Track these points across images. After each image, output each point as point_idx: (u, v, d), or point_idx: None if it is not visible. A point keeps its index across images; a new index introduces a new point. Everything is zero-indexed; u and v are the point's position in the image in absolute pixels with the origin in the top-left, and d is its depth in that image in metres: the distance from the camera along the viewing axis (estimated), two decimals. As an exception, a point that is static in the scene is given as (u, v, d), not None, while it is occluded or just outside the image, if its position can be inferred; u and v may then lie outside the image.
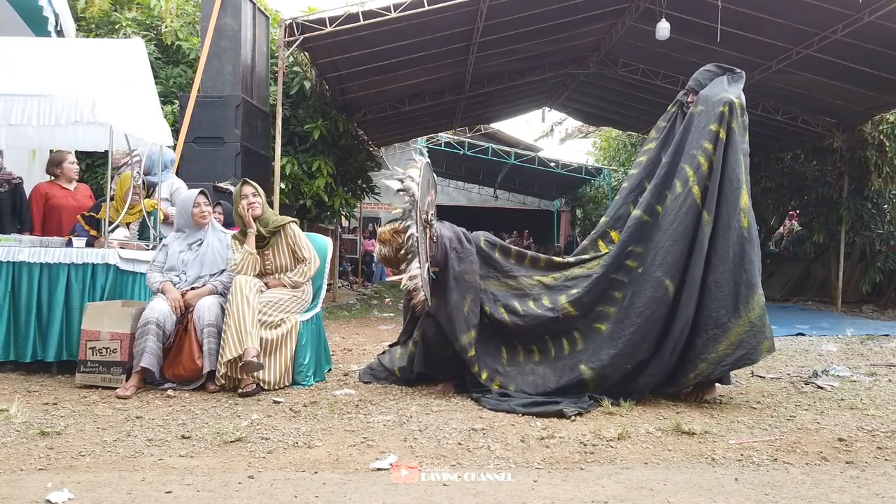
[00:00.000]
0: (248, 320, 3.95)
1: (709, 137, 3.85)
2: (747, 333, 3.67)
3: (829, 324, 8.68)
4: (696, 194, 3.81)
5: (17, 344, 4.35)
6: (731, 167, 3.82)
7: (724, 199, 3.80)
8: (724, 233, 3.76)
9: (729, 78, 4.09)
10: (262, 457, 2.83)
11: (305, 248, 4.37)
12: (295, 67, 9.07)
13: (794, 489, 2.56)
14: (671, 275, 3.77)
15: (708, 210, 3.79)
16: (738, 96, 3.95)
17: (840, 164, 11.04)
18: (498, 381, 3.92)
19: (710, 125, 3.86)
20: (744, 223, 3.74)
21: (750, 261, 3.72)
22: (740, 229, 3.73)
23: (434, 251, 4.02)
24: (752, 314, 3.67)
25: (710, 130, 3.85)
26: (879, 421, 3.58)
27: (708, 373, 3.78)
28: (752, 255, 3.73)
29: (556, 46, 10.09)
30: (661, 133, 4.25)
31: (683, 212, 3.81)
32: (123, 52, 4.94)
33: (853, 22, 7.51)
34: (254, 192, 4.32)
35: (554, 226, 24.65)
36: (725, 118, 3.86)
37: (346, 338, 6.67)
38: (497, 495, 2.46)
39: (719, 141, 3.84)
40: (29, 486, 2.44)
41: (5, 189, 5.17)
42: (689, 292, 3.76)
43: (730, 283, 3.72)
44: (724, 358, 3.71)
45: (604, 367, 3.76)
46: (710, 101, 3.93)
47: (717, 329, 3.71)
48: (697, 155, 3.85)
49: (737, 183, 3.79)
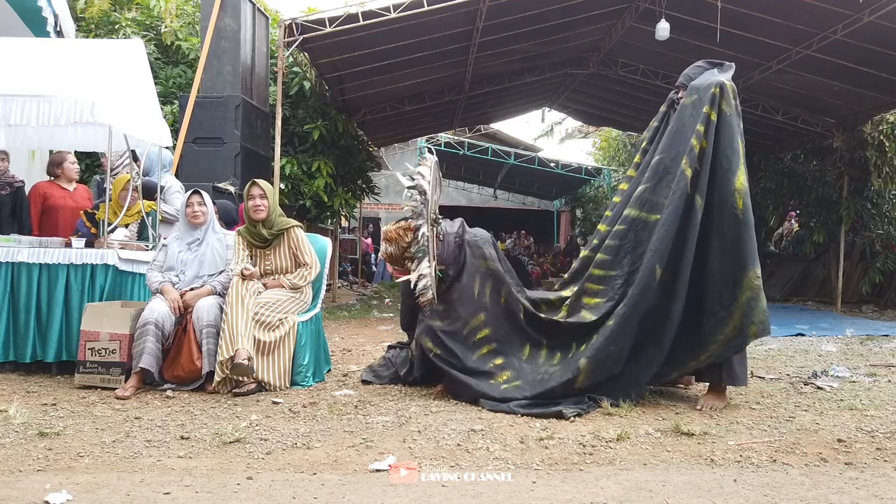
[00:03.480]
0: (241, 322, 3.95)
1: (701, 120, 3.86)
2: (742, 317, 3.69)
3: (828, 324, 8.68)
4: (688, 177, 3.82)
5: (17, 344, 4.35)
6: (723, 149, 3.82)
7: (717, 181, 3.80)
8: (720, 214, 3.77)
9: (719, 69, 4.10)
10: (261, 458, 2.83)
11: (308, 254, 4.39)
12: (295, 68, 9.08)
13: (794, 490, 2.56)
14: (663, 260, 3.77)
15: (700, 193, 3.79)
16: (728, 80, 3.95)
17: (840, 164, 11.03)
18: (507, 374, 3.87)
19: (702, 108, 3.88)
20: (738, 204, 3.73)
21: (744, 242, 3.71)
22: (734, 210, 3.73)
23: (440, 249, 4.02)
24: (742, 297, 3.68)
25: (703, 112, 3.86)
26: (879, 422, 3.57)
27: (718, 354, 3.77)
28: (745, 236, 3.72)
29: (555, 47, 10.09)
30: (653, 133, 4.26)
31: (677, 195, 3.82)
32: (123, 52, 4.95)
33: (853, 22, 7.51)
34: (261, 193, 4.31)
35: (554, 226, 24.65)
36: (717, 99, 3.87)
37: (346, 338, 6.67)
38: (496, 496, 2.45)
39: (710, 122, 3.84)
40: (27, 486, 2.44)
41: (6, 192, 5.17)
42: (684, 277, 3.76)
43: (730, 265, 3.73)
44: (732, 339, 3.72)
45: (594, 355, 3.73)
46: (702, 88, 3.95)
47: (724, 311, 3.73)
48: (691, 138, 3.87)
49: (727, 164, 3.79)
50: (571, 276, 4.37)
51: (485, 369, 3.89)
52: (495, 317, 3.99)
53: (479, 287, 4.00)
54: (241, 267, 4.16)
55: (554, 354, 3.99)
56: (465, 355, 3.90)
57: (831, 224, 11.23)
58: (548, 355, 3.99)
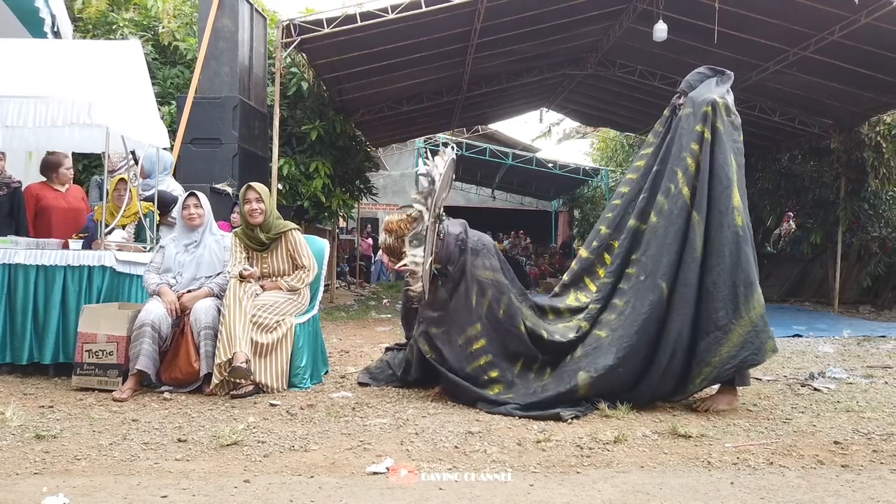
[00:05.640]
0: (239, 325, 3.94)
1: (695, 138, 3.90)
2: (750, 334, 3.63)
3: (826, 325, 8.69)
4: (686, 196, 3.84)
5: (14, 346, 4.34)
6: (720, 166, 3.83)
7: (715, 198, 3.81)
8: (718, 232, 3.75)
9: (718, 79, 4.11)
10: (259, 460, 2.83)
11: (305, 256, 4.39)
12: (293, 68, 9.07)
13: (790, 493, 2.56)
14: (666, 278, 3.77)
15: (698, 210, 3.80)
16: (721, 96, 3.98)
17: (837, 165, 11.05)
18: (500, 387, 3.86)
19: (695, 126, 3.92)
20: (738, 221, 3.73)
21: (747, 259, 3.70)
22: (735, 228, 3.72)
23: (439, 247, 4.00)
24: (753, 314, 3.64)
25: (696, 131, 3.91)
26: (875, 424, 3.58)
27: (714, 377, 3.73)
28: (748, 253, 3.72)
29: (553, 47, 10.10)
30: (657, 138, 4.27)
31: (675, 214, 3.84)
32: (121, 53, 4.94)
33: (850, 24, 7.51)
34: (257, 197, 4.27)
35: (552, 226, 24.66)
36: (709, 118, 3.91)
37: (344, 339, 6.66)
38: (493, 499, 2.46)
39: (705, 141, 3.88)
40: (24, 490, 2.44)
41: (3, 192, 5.15)
42: (681, 295, 3.74)
43: (728, 284, 3.69)
44: (728, 360, 3.65)
45: (601, 375, 3.69)
46: (696, 103, 3.99)
47: (719, 331, 3.67)
48: (686, 157, 3.90)
49: (726, 181, 3.80)
50: (571, 279, 4.37)
51: (480, 380, 3.87)
52: (492, 329, 3.94)
53: (477, 297, 3.95)
54: (240, 268, 4.15)
55: (545, 370, 3.96)
56: (460, 364, 3.88)
57: (829, 225, 11.26)
58: (539, 371, 3.96)
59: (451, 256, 4.01)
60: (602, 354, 3.77)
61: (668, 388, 3.82)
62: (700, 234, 3.76)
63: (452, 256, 4.02)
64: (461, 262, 4.00)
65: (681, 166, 3.90)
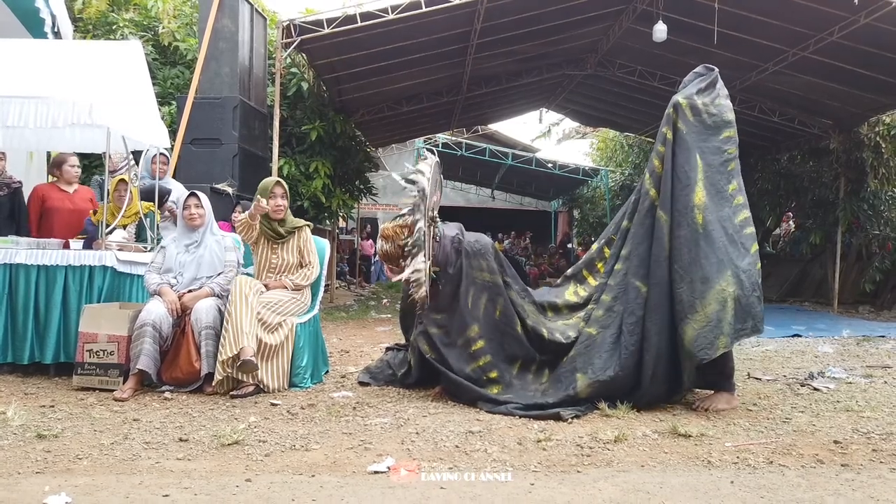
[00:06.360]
0: (246, 321, 3.96)
1: (660, 140, 4.03)
2: (704, 329, 3.63)
3: (825, 325, 8.70)
4: (653, 196, 3.96)
5: (15, 346, 4.35)
6: (680, 166, 3.89)
7: (676, 197, 3.86)
8: (678, 230, 3.81)
9: (702, 79, 4.13)
10: (260, 460, 2.84)
11: (312, 254, 4.50)
12: (293, 69, 9.08)
13: (790, 492, 2.57)
14: (641, 277, 3.87)
15: (664, 209, 3.87)
16: (687, 97, 4.01)
17: (836, 165, 11.06)
18: (499, 388, 3.88)
19: (662, 128, 4.03)
20: (697, 219, 3.77)
21: (706, 256, 3.71)
22: (694, 226, 3.77)
23: (436, 250, 4.02)
24: (707, 309, 3.65)
25: (661, 132, 4.03)
26: (875, 423, 3.59)
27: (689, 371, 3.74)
28: (707, 250, 3.72)
29: (553, 48, 10.11)
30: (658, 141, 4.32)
31: (643, 214, 3.97)
32: (121, 53, 4.94)
33: (849, 24, 7.53)
34: (283, 193, 4.44)
35: (552, 226, 24.66)
36: (671, 118, 3.99)
37: (344, 339, 6.67)
38: (494, 498, 2.46)
39: (667, 141, 3.97)
40: (26, 489, 2.45)
41: (4, 193, 5.15)
42: (656, 293, 3.80)
43: (686, 280, 3.72)
44: (686, 356, 3.66)
45: (603, 382, 3.72)
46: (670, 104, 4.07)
47: (680, 326, 3.71)
48: (653, 158, 4.04)
49: (686, 181, 3.85)
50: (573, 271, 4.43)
51: (480, 380, 3.89)
52: (490, 330, 3.96)
53: (474, 299, 3.97)
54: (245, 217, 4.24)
55: (543, 371, 4.00)
56: (461, 365, 3.89)
57: (828, 225, 11.27)
58: (537, 371, 4.00)
59: (448, 259, 4.03)
60: (594, 352, 3.82)
61: (660, 391, 3.83)
62: (667, 233, 3.83)
63: (450, 259, 4.04)
64: (458, 264, 4.01)
65: (649, 167, 4.06)
